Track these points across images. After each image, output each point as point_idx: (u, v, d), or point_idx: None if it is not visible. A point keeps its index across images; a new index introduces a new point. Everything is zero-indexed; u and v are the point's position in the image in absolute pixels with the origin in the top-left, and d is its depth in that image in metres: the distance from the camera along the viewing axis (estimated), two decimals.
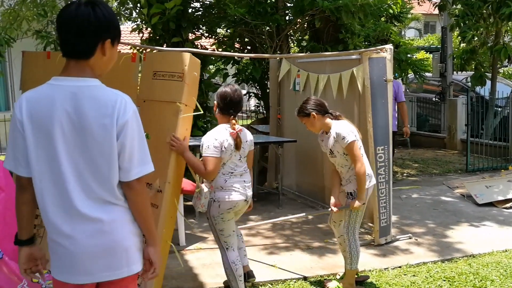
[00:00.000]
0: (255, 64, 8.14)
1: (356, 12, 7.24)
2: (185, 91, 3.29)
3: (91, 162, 1.94)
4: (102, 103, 1.92)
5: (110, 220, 1.96)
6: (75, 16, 1.92)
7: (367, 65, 5.05)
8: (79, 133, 1.92)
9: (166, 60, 3.49)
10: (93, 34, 1.94)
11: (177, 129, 3.30)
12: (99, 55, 1.99)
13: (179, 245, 4.92)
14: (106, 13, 1.96)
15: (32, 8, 8.83)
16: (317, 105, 3.85)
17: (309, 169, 6.55)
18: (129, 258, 2.01)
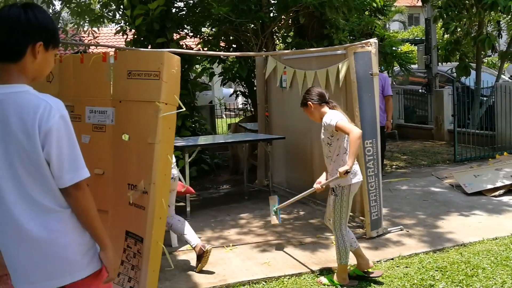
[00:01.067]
0: (241, 62, 8.14)
1: (340, 7, 7.27)
2: (163, 90, 3.22)
3: (26, 170, 1.91)
4: (25, 110, 1.88)
5: (49, 230, 1.94)
6: (6, 17, 1.91)
7: (352, 59, 5.07)
8: (9, 141, 1.89)
9: (141, 59, 3.41)
10: (22, 35, 1.91)
11: (158, 129, 3.24)
12: (30, 58, 1.94)
13: (171, 246, 4.91)
14: (40, 16, 1.94)
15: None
16: (315, 94, 3.96)
17: (299, 165, 6.56)
18: (72, 265, 1.98)
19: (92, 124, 3.60)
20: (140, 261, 3.36)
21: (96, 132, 3.59)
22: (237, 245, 4.95)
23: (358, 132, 3.67)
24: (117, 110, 3.48)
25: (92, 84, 3.59)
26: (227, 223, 5.71)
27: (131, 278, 3.41)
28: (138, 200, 3.25)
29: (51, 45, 1.99)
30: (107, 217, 3.51)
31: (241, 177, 7.80)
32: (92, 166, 3.52)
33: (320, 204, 6.17)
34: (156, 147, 3.24)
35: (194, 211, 6.04)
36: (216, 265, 4.45)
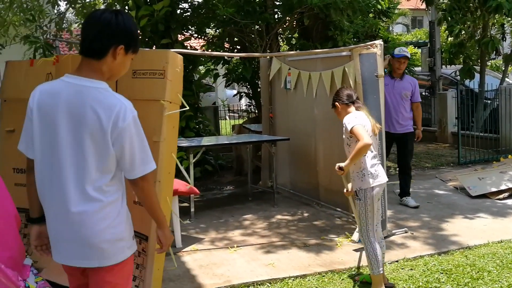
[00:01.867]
0: (246, 63, 8.14)
1: (345, 9, 7.25)
2: (168, 88, 3.25)
3: (89, 161, 2.11)
4: (102, 106, 2.08)
5: (89, 218, 2.14)
6: (99, 19, 2.16)
7: (357, 61, 5.07)
8: (78, 129, 2.09)
9: (146, 59, 3.41)
10: (108, 37, 2.14)
11: (163, 127, 3.26)
12: (110, 58, 2.17)
13: (175, 246, 4.90)
14: (127, 22, 2.18)
15: (19, 13, 8.78)
16: (343, 95, 3.97)
17: (303, 166, 6.55)
18: (101, 252, 2.18)
19: None
20: (144, 260, 3.37)
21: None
22: (241, 246, 4.94)
23: (367, 142, 3.61)
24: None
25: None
26: (231, 224, 5.70)
27: (136, 277, 3.41)
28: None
29: (131, 49, 2.23)
30: None
31: (245, 178, 7.80)
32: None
33: (324, 205, 6.16)
34: (161, 145, 3.26)
35: (198, 211, 6.03)
36: (221, 266, 4.44)
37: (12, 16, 8.84)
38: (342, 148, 5.57)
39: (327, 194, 6.15)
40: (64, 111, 2.10)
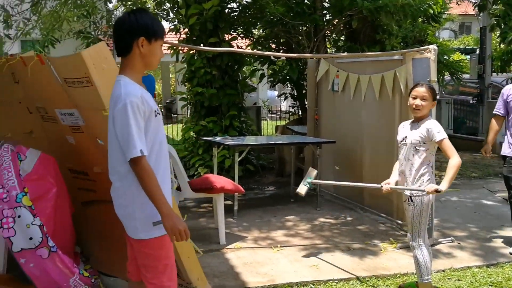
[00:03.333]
0: (292, 64, 8.14)
1: (396, 13, 7.16)
2: (102, 95, 2.90)
3: (110, 143, 2.46)
4: (112, 96, 2.41)
5: (113, 190, 2.52)
6: (117, 22, 2.47)
7: (410, 65, 5.00)
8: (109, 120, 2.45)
9: (67, 66, 3.09)
10: (127, 34, 2.40)
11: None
12: (137, 51, 2.42)
13: (219, 243, 4.95)
14: (139, 17, 2.40)
15: (72, 9, 9.05)
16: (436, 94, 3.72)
17: (348, 170, 6.50)
18: (136, 224, 2.45)
19: (68, 126, 3.49)
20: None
21: (76, 133, 3.49)
22: (284, 246, 4.94)
23: (460, 160, 3.49)
24: (80, 112, 3.30)
25: (48, 87, 3.39)
26: (274, 224, 5.71)
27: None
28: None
29: (153, 38, 2.42)
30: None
31: (286, 180, 7.80)
32: (91, 165, 3.59)
33: (368, 210, 6.09)
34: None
35: (241, 210, 6.07)
36: (264, 265, 4.46)
37: (66, 12, 9.12)
38: (389, 153, 5.54)
39: (371, 199, 6.08)
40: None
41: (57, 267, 3.26)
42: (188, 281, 3.38)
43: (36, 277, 3.26)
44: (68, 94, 3.24)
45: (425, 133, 3.59)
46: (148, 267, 2.51)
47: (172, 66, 21.19)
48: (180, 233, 2.34)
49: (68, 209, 3.70)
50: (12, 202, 3.25)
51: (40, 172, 3.52)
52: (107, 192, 3.62)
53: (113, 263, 3.94)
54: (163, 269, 2.52)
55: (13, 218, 3.23)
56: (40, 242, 3.24)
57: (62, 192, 3.64)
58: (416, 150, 3.64)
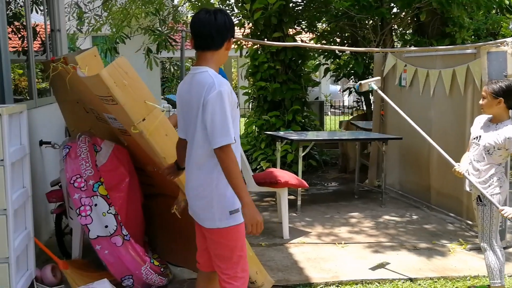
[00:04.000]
0: (358, 58, 8.00)
1: (468, 4, 6.86)
2: (128, 111, 2.88)
3: (196, 132, 2.47)
4: (201, 85, 2.43)
5: (188, 179, 2.57)
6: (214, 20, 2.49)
7: (485, 59, 4.78)
8: (191, 107, 2.49)
9: (93, 85, 3.07)
10: (226, 33, 2.53)
11: (155, 146, 3.00)
12: (223, 49, 2.56)
13: (283, 238, 4.97)
14: (231, 18, 2.57)
15: (141, 5, 9.34)
16: (510, 94, 3.41)
17: (414, 167, 6.33)
18: (214, 213, 2.47)
19: (118, 128, 3.52)
20: None
21: (125, 136, 3.52)
22: (348, 243, 4.89)
23: None
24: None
25: (90, 94, 3.38)
26: (337, 220, 5.66)
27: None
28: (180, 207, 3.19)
29: (233, 38, 2.60)
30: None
31: (350, 176, 7.71)
32: (144, 163, 3.65)
33: (435, 209, 5.90)
34: (165, 163, 3.02)
35: (304, 205, 6.06)
36: (328, 261, 4.43)
37: (135, 9, 9.44)
38: (459, 150, 5.34)
39: (439, 197, 5.89)
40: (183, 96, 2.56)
41: (130, 255, 3.39)
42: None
43: (110, 264, 3.41)
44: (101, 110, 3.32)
45: (502, 141, 3.40)
46: (223, 257, 2.56)
47: (235, 61, 21.40)
48: (257, 225, 2.36)
49: (139, 199, 3.84)
50: (89, 191, 3.41)
51: (114, 163, 3.67)
52: (164, 187, 3.71)
53: (176, 253, 4.05)
54: (237, 259, 2.56)
55: (90, 206, 3.39)
56: (114, 230, 3.39)
57: (134, 182, 3.78)
58: (488, 152, 3.48)
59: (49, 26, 5.84)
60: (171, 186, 3.56)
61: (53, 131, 5.10)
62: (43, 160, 4.74)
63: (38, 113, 4.65)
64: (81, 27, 9.11)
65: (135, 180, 3.83)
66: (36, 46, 5.86)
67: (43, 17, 5.68)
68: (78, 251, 3.86)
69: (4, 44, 4.04)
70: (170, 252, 4.09)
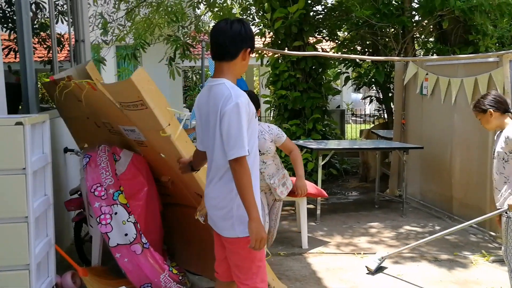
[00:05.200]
0: (378, 67, 7.96)
1: (492, 12, 6.77)
2: (158, 115, 2.98)
3: (214, 143, 2.48)
4: (218, 96, 2.44)
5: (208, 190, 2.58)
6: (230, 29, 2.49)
7: (507, 68, 4.72)
8: (206, 119, 2.53)
9: (120, 91, 3.17)
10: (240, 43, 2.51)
11: (179, 150, 3.08)
12: (240, 60, 2.53)
13: (302, 247, 4.95)
14: (249, 29, 2.54)
15: (164, 15, 9.48)
16: (496, 101, 3.49)
17: (436, 177, 6.25)
18: (233, 222, 2.48)
19: (134, 140, 3.61)
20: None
21: (141, 147, 3.61)
22: (367, 253, 4.84)
23: None
24: (141, 131, 3.40)
25: (107, 108, 3.46)
26: (357, 230, 5.61)
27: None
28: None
29: (251, 50, 2.57)
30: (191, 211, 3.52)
31: (371, 185, 7.64)
32: (159, 174, 3.67)
33: (457, 220, 5.80)
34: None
35: (323, 215, 6.03)
36: (347, 272, 4.40)
37: (158, 18, 9.58)
38: (481, 161, 5.27)
39: (461, 208, 5.80)
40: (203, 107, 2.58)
41: (149, 263, 3.42)
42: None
43: (130, 271, 3.45)
44: (126, 115, 3.34)
45: (504, 143, 3.41)
46: (242, 268, 2.55)
47: (256, 69, 21.48)
48: (261, 241, 2.37)
49: (157, 207, 3.88)
50: (109, 199, 3.46)
51: (133, 171, 3.72)
52: (181, 197, 3.76)
53: (194, 261, 4.05)
54: (256, 270, 2.56)
55: (110, 215, 3.44)
56: (134, 239, 3.43)
57: (153, 191, 3.83)
58: (504, 160, 3.44)
59: (73, 36, 5.97)
60: (187, 196, 3.60)
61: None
62: (66, 168, 4.83)
63: (61, 122, 4.74)
64: (105, 36, 9.27)
65: (154, 188, 3.87)
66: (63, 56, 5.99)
67: (67, 27, 5.81)
68: (98, 259, 3.91)
69: (29, 54, 4.15)
70: (188, 260, 4.11)
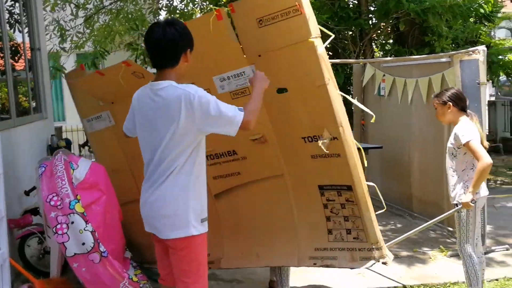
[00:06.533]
0: (338, 69, 8.09)
1: (444, 14, 6.98)
2: (310, 23, 2.82)
3: (155, 144, 2.47)
4: (170, 97, 2.40)
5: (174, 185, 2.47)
6: (163, 36, 2.44)
7: (458, 68, 4.87)
8: (152, 122, 2.50)
9: (269, 0, 2.94)
10: (180, 47, 2.47)
11: (322, 67, 2.88)
12: (183, 62, 2.50)
13: None
14: (183, 29, 2.47)
15: (124, 23, 9.40)
16: (457, 97, 3.61)
17: (395, 176, 6.38)
18: (189, 220, 2.45)
19: (229, 92, 3.29)
20: (354, 210, 3.22)
21: (238, 98, 3.26)
22: None
23: (488, 162, 3.33)
24: (257, 66, 3.09)
25: (211, 51, 3.18)
26: None
27: (350, 229, 3.29)
28: (327, 148, 3.04)
29: (191, 49, 2.52)
30: (284, 181, 3.37)
31: None
32: (246, 134, 3.29)
33: (418, 217, 5.95)
34: (329, 88, 2.92)
35: None
36: (308, 272, 4.44)
37: (118, 26, 9.48)
38: (439, 159, 5.41)
39: (420, 205, 5.94)
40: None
41: (108, 272, 3.38)
42: (374, 241, 3.24)
43: (88, 281, 3.40)
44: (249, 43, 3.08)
45: (453, 139, 3.56)
46: (189, 271, 2.52)
47: None
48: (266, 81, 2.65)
49: (117, 216, 3.85)
50: (65, 209, 3.41)
51: (91, 180, 3.68)
52: (254, 172, 3.47)
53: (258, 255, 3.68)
54: (202, 273, 2.56)
55: (67, 224, 3.39)
56: (92, 247, 3.38)
57: (112, 199, 3.80)
58: (453, 155, 3.59)
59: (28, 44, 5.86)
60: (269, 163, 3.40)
61: (33, 150, 5.10)
62: (20, 180, 4.71)
63: (17, 132, 4.65)
64: (63, 44, 9.13)
65: (113, 196, 3.84)
66: (21, 65, 5.86)
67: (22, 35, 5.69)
68: (56, 270, 3.84)
69: None
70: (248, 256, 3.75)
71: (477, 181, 3.41)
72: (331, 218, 3.30)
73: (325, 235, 3.41)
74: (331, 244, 3.37)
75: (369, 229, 3.15)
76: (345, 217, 3.25)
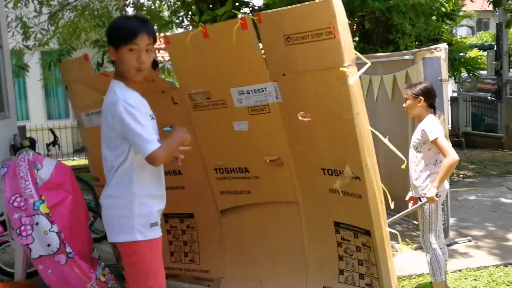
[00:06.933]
0: None
1: (407, 12, 7.13)
2: (344, 49, 2.52)
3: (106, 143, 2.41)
4: (108, 101, 2.37)
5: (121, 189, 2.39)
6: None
7: (421, 65, 4.98)
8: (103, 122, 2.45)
9: (300, 18, 2.64)
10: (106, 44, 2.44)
11: (352, 99, 2.61)
12: (114, 61, 2.41)
13: None
14: (109, 26, 2.44)
15: (90, 19, 9.24)
16: (429, 92, 3.67)
17: None
18: (134, 225, 2.36)
19: (248, 107, 3.08)
20: (370, 256, 2.98)
21: (256, 115, 3.06)
22: None
23: (456, 159, 3.42)
24: (281, 85, 2.91)
25: (232, 61, 2.99)
26: None
27: (364, 274, 3.07)
28: (348, 187, 2.82)
29: (121, 44, 2.31)
30: (297, 208, 3.21)
31: None
32: (262, 154, 3.17)
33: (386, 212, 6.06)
34: (356, 122, 2.65)
35: None
36: None
37: (84, 23, 9.32)
38: (404, 155, 5.49)
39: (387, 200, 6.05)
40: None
41: (75, 273, 3.34)
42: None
43: (54, 283, 3.35)
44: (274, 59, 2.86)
45: (420, 134, 3.63)
46: (138, 278, 2.43)
47: None
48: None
49: (84, 216, 3.80)
50: (29, 210, 3.35)
51: (57, 180, 3.62)
52: (266, 193, 3.29)
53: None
54: (152, 280, 2.44)
55: (31, 225, 3.33)
56: (57, 249, 3.33)
57: (78, 199, 3.75)
58: (417, 150, 3.68)
59: None
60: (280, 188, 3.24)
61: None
62: None
63: None
64: (26, 41, 8.91)
65: (80, 197, 3.79)
66: None
67: None
68: (21, 273, 3.76)
69: None
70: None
71: (443, 176, 3.50)
72: (344, 258, 3.11)
73: (336, 274, 3.20)
74: (340, 285, 3.16)
75: (384, 279, 2.85)
76: (359, 261, 3.04)
